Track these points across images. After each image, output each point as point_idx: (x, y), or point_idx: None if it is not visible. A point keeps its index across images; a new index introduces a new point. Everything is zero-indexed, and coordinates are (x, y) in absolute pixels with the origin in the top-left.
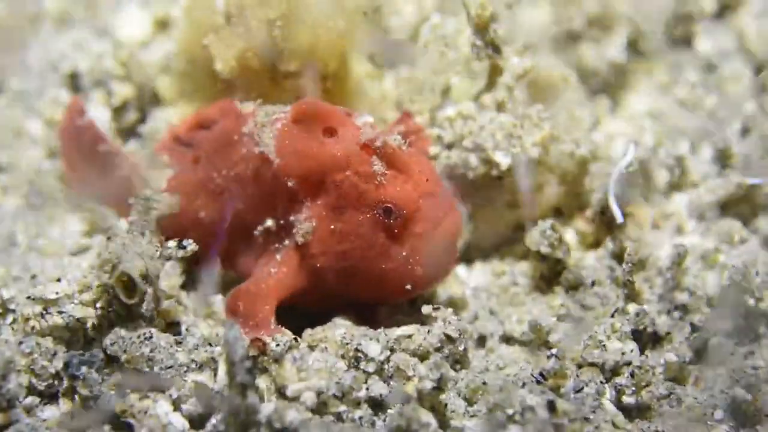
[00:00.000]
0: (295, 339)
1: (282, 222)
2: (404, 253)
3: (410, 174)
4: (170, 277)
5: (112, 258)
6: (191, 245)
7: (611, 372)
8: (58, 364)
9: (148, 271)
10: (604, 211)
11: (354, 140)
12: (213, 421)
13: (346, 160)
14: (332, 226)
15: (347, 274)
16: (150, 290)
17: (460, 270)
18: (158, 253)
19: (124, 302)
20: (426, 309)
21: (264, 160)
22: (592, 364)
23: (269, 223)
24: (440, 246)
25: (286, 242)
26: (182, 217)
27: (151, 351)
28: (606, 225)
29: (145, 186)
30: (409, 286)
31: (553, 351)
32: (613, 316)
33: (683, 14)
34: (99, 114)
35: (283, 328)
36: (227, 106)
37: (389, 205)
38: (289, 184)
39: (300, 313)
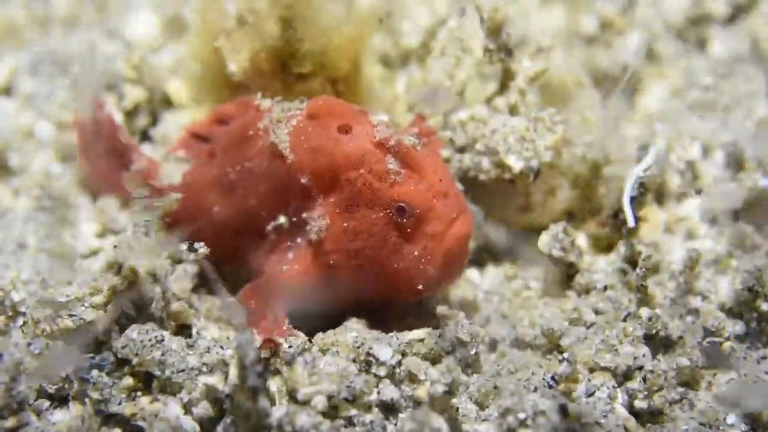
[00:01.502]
0: (309, 340)
1: (295, 219)
2: (416, 253)
3: (424, 174)
4: (181, 280)
5: (118, 259)
6: (202, 248)
7: (623, 376)
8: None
9: (155, 270)
10: (617, 215)
11: (368, 138)
12: (223, 424)
13: (360, 158)
14: (345, 224)
15: (359, 272)
16: (158, 290)
17: (472, 273)
18: (165, 252)
19: (134, 302)
20: (439, 310)
21: (278, 156)
22: (604, 368)
23: (282, 220)
24: (452, 247)
25: (299, 240)
26: (195, 212)
27: (163, 354)
28: (619, 228)
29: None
30: (420, 286)
31: (565, 355)
32: (625, 320)
33: (697, 17)
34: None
35: (296, 330)
36: (245, 102)
37: (402, 204)
38: (303, 180)
39: (312, 316)
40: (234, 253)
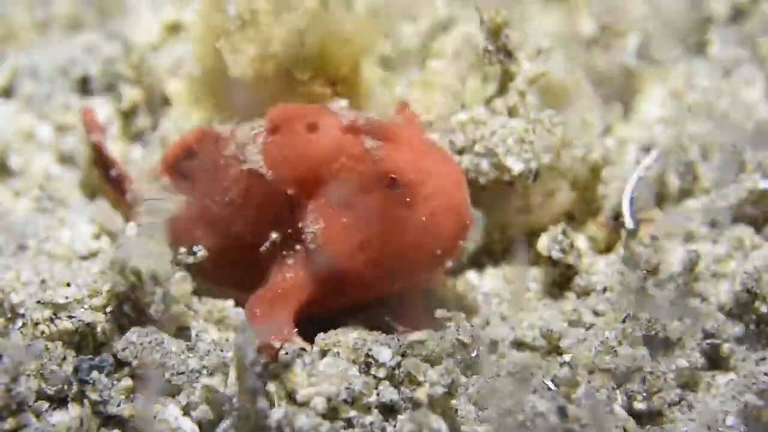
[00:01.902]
0: (304, 348)
1: (290, 231)
2: (424, 219)
3: (401, 140)
4: (181, 283)
5: (121, 260)
6: (201, 251)
7: (623, 378)
8: (68, 368)
9: (156, 273)
10: (618, 216)
11: (337, 126)
12: (223, 426)
13: (337, 148)
14: (343, 220)
15: (375, 263)
16: (160, 292)
17: (472, 275)
18: (167, 256)
19: (134, 303)
20: (440, 312)
21: (255, 176)
22: (603, 370)
23: (274, 236)
24: (455, 197)
25: (298, 247)
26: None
27: (162, 357)
28: (619, 230)
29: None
30: (438, 251)
31: (566, 358)
32: (624, 321)
33: (697, 20)
34: (108, 116)
35: (299, 337)
36: (204, 133)
37: (392, 175)
38: (288, 192)
39: (313, 317)
40: (235, 282)
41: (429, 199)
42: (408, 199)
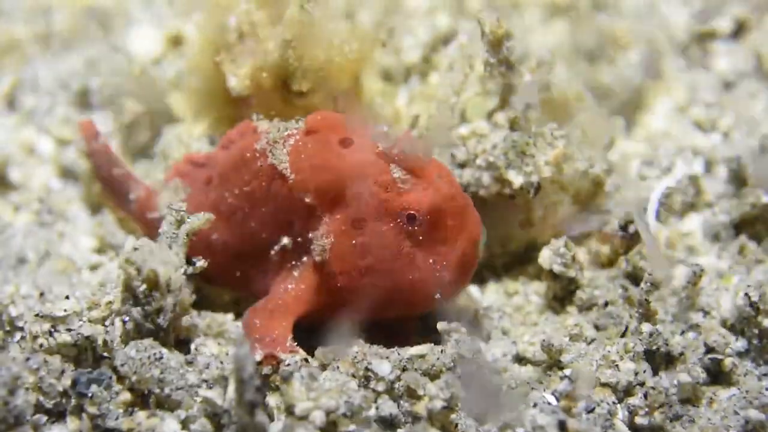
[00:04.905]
0: (306, 359)
1: (299, 239)
2: (431, 261)
3: (430, 179)
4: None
5: (137, 260)
6: (200, 262)
7: (624, 392)
8: (67, 382)
9: (171, 280)
10: (624, 228)
11: (371, 149)
12: None
13: (365, 170)
14: (354, 241)
15: (372, 290)
16: (170, 301)
17: (473, 289)
18: (183, 266)
19: (144, 309)
20: (441, 326)
21: (278, 176)
22: (604, 384)
23: (285, 240)
24: (466, 250)
25: (305, 259)
26: (194, 240)
27: (162, 372)
28: (624, 242)
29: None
30: (437, 294)
31: (567, 373)
32: (625, 335)
33: (700, 34)
34: (108, 130)
35: (298, 348)
36: (244, 125)
37: (412, 211)
38: (306, 199)
39: (314, 328)
40: (236, 278)
41: (440, 245)
42: (420, 238)
